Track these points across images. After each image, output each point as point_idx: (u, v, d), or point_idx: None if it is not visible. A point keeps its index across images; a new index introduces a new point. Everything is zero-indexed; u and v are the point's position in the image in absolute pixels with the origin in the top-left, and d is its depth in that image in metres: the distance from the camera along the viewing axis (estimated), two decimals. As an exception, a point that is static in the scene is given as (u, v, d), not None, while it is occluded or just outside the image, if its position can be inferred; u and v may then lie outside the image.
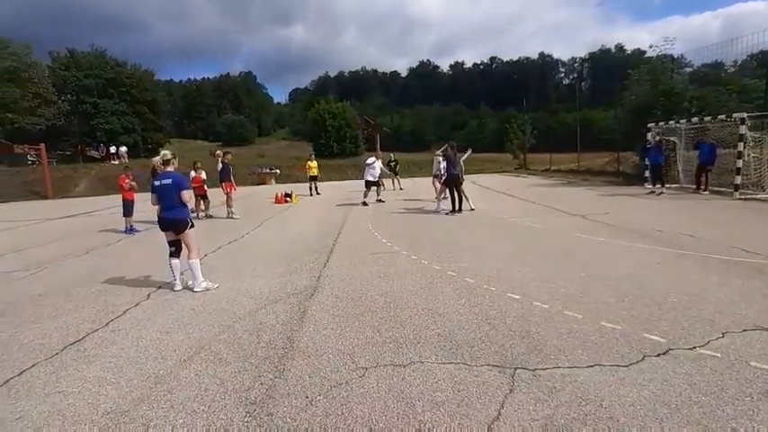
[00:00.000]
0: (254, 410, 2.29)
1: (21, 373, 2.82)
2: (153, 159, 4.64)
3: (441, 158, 12.00)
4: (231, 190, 10.66)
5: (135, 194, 8.91)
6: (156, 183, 4.46)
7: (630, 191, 13.03)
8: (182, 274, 4.60)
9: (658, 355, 2.70)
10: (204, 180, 10.54)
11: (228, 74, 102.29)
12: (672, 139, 13.85)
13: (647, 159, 13.25)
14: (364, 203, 11.19)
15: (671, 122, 13.37)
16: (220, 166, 10.62)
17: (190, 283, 4.55)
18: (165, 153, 4.65)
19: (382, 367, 2.70)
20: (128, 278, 5.11)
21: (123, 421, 2.24)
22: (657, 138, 13.29)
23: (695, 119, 12.66)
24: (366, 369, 2.69)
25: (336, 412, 2.24)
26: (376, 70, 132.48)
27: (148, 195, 4.69)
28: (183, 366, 2.83)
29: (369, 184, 11.55)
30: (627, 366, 2.58)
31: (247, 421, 2.20)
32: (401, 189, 16.72)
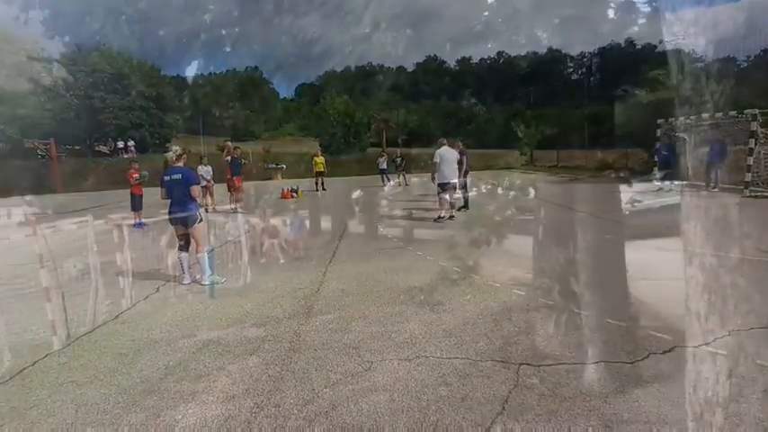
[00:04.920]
0: (262, 402, 2.33)
1: (34, 363, 2.89)
2: (166, 155, 4.70)
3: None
4: (240, 184, 10.73)
5: (143, 189, 8.99)
6: (166, 177, 4.50)
7: (640, 188, 12.91)
8: (190, 267, 4.66)
9: (663, 352, 2.70)
10: (212, 175, 10.65)
11: (235, 69, 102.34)
12: (682, 135, 13.67)
13: (656, 156, 13.12)
14: None
15: (681, 118, 13.20)
16: (228, 158, 10.64)
17: (198, 276, 4.61)
18: (176, 149, 4.71)
19: (387, 361, 2.73)
20: (137, 272, 5.18)
21: (134, 411, 2.29)
22: (669, 136, 13.13)
23: (706, 115, 12.48)
24: (371, 363, 2.71)
25: (342, 405, 2.27)
26: (382, 65, 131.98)
27: (158, 190, 4.75)
28: (192, 358, 2.88)
29: None
30: (632, 363, 2.58)
31: (255, 412, 2.24)
32: (407, 185, 16.71)
